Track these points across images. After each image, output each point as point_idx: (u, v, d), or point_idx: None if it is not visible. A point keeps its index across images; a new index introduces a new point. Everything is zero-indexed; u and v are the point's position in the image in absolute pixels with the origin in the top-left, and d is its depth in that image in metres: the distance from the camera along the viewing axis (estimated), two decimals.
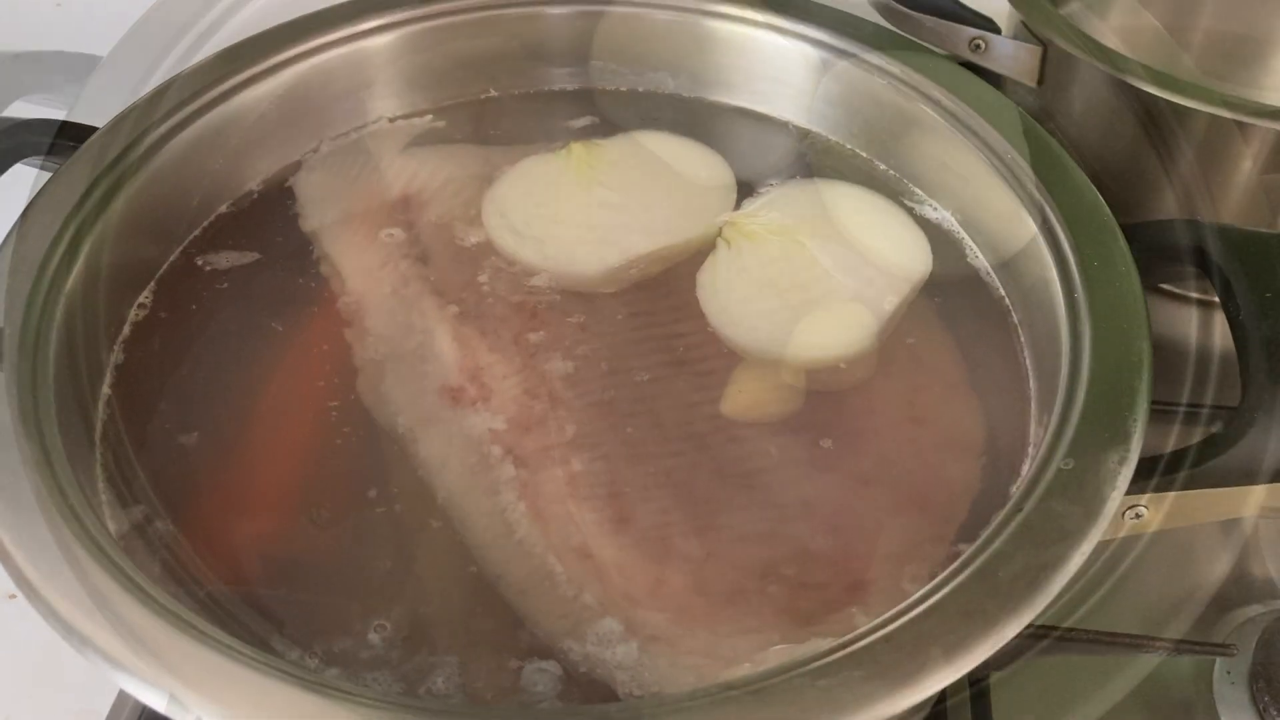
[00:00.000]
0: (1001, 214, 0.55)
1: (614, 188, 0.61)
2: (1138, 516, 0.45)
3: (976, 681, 0.58)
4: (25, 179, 0.55)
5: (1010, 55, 0.75)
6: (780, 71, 0.66)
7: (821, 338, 0.55)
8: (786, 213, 0.59)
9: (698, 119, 0.67)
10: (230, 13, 0.60)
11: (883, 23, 0.70)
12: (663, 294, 0.57)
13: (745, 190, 0.62)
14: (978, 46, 0.75)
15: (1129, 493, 0.41)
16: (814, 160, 0.65)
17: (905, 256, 0.58)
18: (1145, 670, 0.60)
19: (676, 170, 0.63)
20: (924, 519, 0.48)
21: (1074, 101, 0.74)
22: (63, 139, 0.56)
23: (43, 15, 0.92)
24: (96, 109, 0.55)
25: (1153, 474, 0.44)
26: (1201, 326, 0.77)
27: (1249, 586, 0.64)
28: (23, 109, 0.56)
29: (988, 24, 0.76)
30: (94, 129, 0.56)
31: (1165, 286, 0.77)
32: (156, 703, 0.36)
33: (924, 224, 0.60)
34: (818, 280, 0.56)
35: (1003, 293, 0.56)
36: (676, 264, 0.59)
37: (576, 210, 0.60)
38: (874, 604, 0.45)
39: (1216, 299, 0.74)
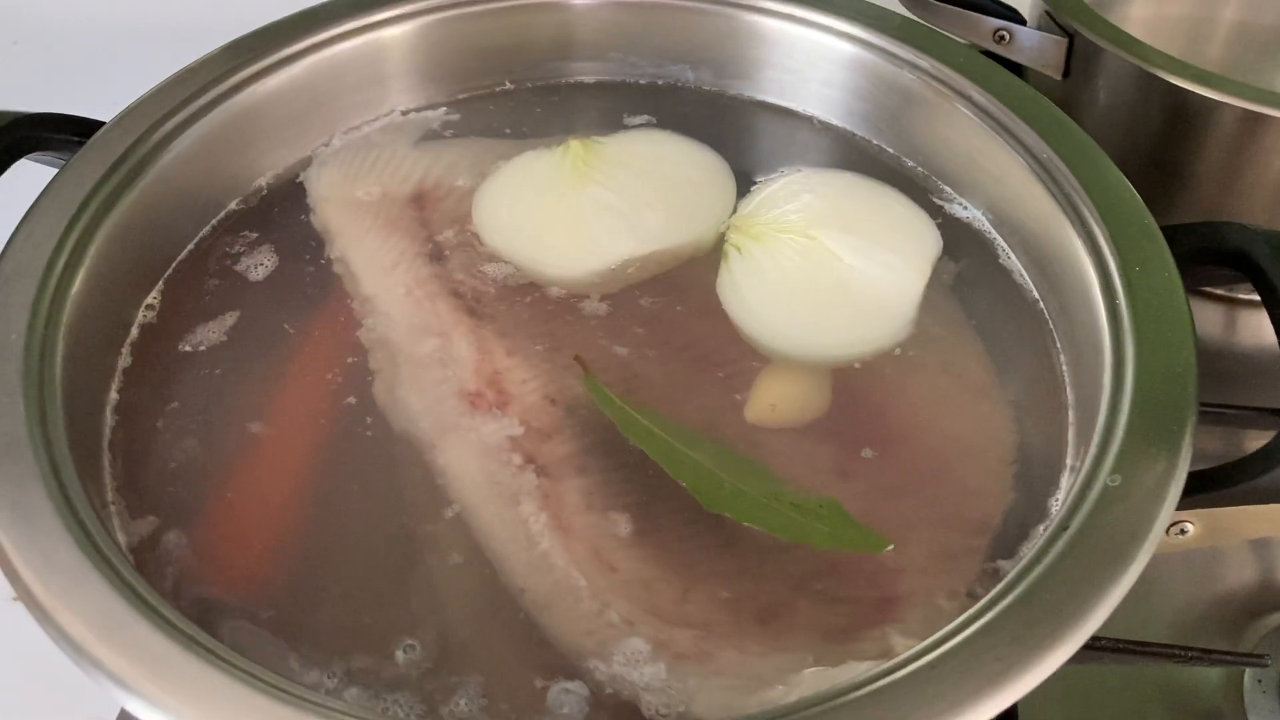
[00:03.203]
0: (1036, 214, 0.54)
1: (610, 188, 0.59)
2: (1182, 533, 0.44)
3: None
4: (29, 175, 0.54)
5: (1035, 46, 0.74)
6: (803, 64, 0.64)
7: (859, 332, 0.54)
8: (788, 209, 0.57)
9: (718, 112, 0.66)
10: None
11: (907, 13, 0.69)
12: (685, 297, 0.56)
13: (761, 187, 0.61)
14: (1002, 38, 0.74)
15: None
16: (837, 156, 0.63)
17: (916, 237, 0.57)
18: (1174, 679, 0.59)
19: (676, 173, 0.61)
20: (956, 530, 0.47)
21: (1099, 94, 0.72)
22: (68, 134, 0.54)
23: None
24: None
25: (1199, 489, 0.42)
26: (1225, 325, 0.76)
27: (1278, 593, 0.63)
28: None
29: (1012, 14, 0.74)
30: (100, 123, 0.55)
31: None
32: None
33: (953, 222, 0.59)
34: (840, 274, 0.55)
35: (1036, 295, 0.54)
36: (696, 266, 0.57)
37: (568, 210, 0.58)
38: (909, 621, 0.43)
39: (1241, 296, 0.74)
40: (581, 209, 0.58)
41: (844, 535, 0.44)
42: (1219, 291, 0.76)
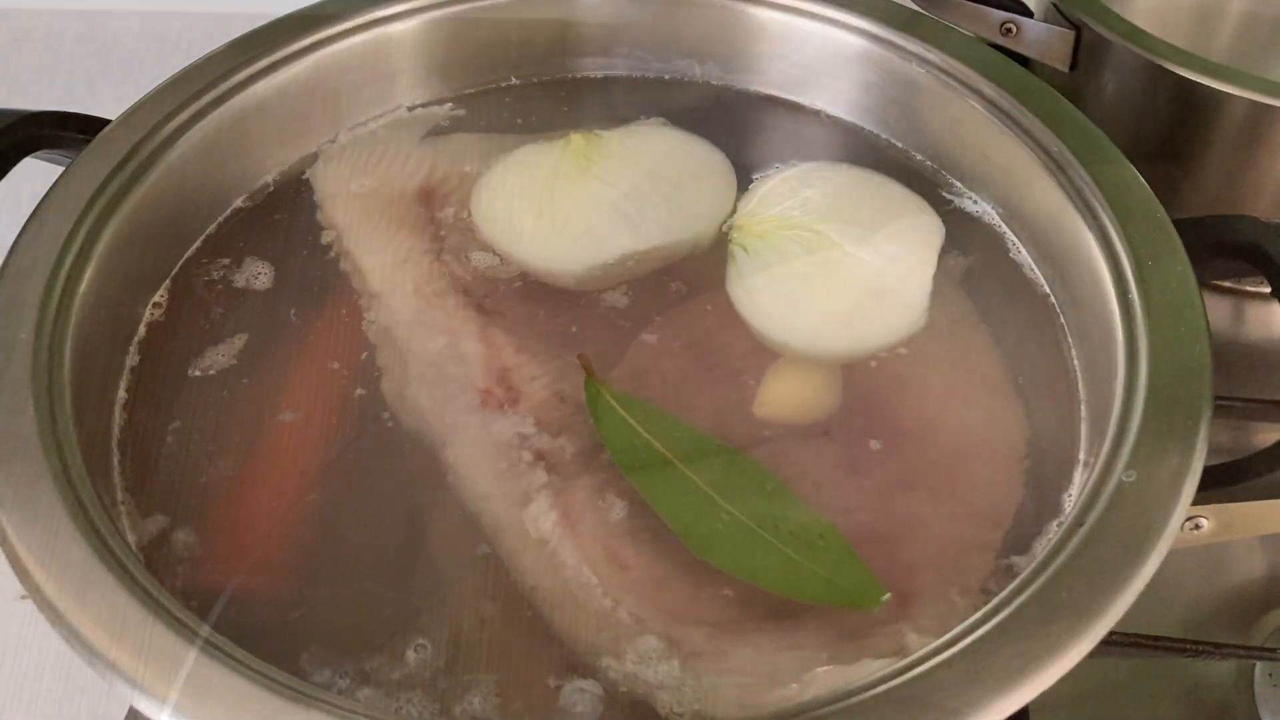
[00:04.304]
0: (1046, 208, 0.53)
1: (610, 182, 0.58)
2: (1197, 528, 0.43)
3: None
4: (35, 174, 0.54)
5: (1042, 39, 0.73)
6: (810, 58, 0.63)
7: (871, 325, 0.53)
8: (789, 205, 0.57)
9: (725, 107, 0.65)
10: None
11: (915, 7, 0.68)
12: (694, 293, 0.55)
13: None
14: (1009, 30, 0.73)
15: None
16: (845, 150, 0.63)
17: (918, 224, 0.57)
18: (1184, 673, 0.59)
19: (678, 167, 0.60)
20: (968, 526, 0.47)
21: (1107, 87, 0.72)
22: (73, 132, 0.54)
23: None
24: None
25: (1214, 484, 0.42)
26: (1233, 317, 0.75)
27: None
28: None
29: (1019, 7, 0.74)
30: (106, 121, 0.55)
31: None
32: None
33: (963, 216, 0.58)
34: (847, 266, 0.55)
35: (1048, 290, 0.54)
36: (704, 261, 0.57)
37: (566, 204, 0.58)
38: (922, 618, 0.43)
39: (1248, 289, 0.74)
40: (581, 203, 0.58)
41: (839, 584, 0.43)
42: (1226, 284, 0.75)
